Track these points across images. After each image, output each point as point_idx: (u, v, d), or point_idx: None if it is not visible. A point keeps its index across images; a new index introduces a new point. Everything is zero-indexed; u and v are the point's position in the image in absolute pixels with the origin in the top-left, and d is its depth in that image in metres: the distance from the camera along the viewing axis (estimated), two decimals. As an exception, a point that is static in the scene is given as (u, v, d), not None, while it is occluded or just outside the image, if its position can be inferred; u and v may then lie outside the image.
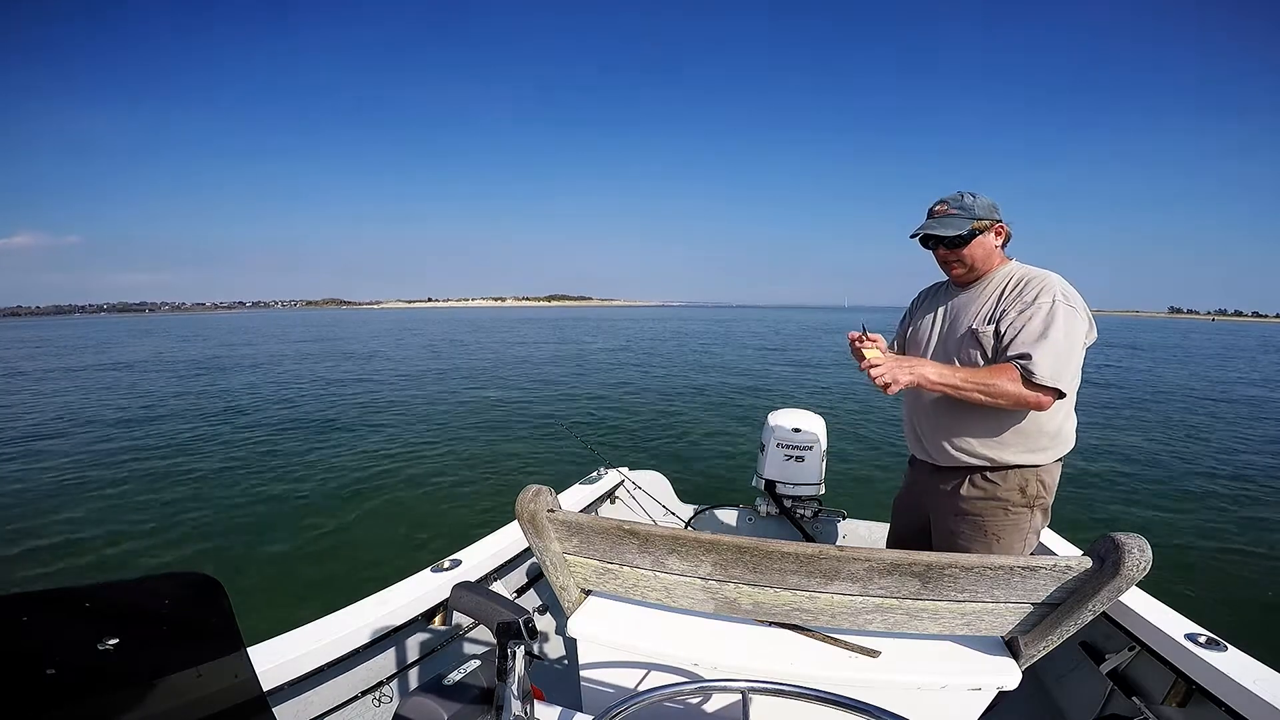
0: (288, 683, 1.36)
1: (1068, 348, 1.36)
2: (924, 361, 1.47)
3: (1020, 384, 1.36)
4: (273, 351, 21.59)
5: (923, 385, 1.42)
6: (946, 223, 1.50)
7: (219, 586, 0.72)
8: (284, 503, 5.17)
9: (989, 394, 1.38)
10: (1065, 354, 1.36)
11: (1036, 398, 1.36)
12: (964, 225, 1.49)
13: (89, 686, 0.61)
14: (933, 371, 1.41)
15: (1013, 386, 1.36)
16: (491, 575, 1.97)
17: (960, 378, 1.40)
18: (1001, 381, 1.37)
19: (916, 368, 1.42)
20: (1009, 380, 1.37)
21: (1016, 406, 1.40)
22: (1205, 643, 1.41)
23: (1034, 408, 1.39)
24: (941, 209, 1.53)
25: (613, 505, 2.80)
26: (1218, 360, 21.31)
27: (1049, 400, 1.37)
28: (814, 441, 2.62)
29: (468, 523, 4.57)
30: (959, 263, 1.54)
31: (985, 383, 1.38)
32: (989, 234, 1.51)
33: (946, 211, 1.52)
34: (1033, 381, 1.35)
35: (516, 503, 1.08)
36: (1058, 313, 1.38)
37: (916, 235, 1.56)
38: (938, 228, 1.50)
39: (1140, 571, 0.88)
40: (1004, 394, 1.37)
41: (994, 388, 1.37)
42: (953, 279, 1.62)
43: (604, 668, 1.19)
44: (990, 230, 1.51)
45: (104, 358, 20.40)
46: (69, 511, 4.99)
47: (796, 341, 27.46)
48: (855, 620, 1.05)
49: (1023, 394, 1.36)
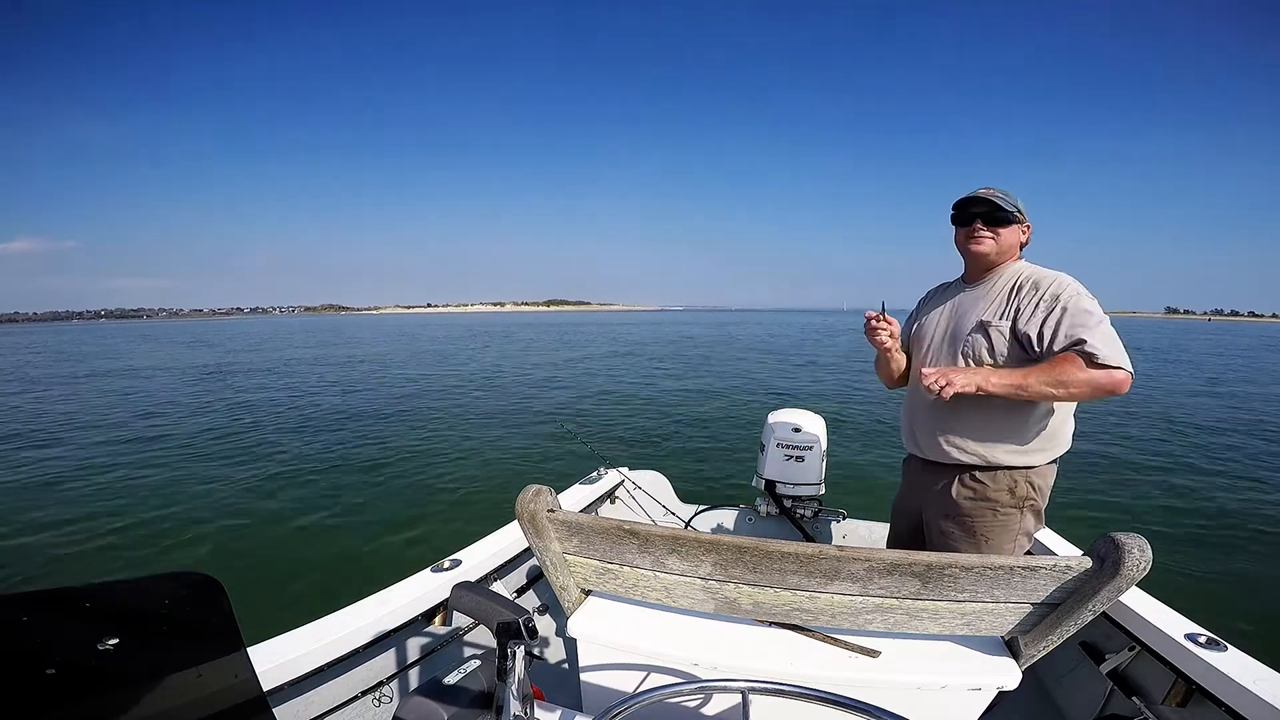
0: (288, 683, 1.36)
1: (1112, 330, 1.36)
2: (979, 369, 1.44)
3: (1089, 369, 1.32)
4: (277, 357, 21.58)
5: (984, 390, 1.37)
6: (999, 198, 1.52)
7: (219, 586, 0.72)
8: (284, 503, 5.17)
9: (1062, 386, 1.33)
10: (1114, 335, 1.35)
11: (1110, 378, 1.31)
12: (1011, 205, 1.52)
13: (89, 686, 0.61)
14: (993, 376, 1.38)
15: (1083, 374, 1.31)
16: (491, 575, 1.97)
17: (1024, 377, 1.36)
18: (1070, 370, 1.32)
19: (972, 375, 1.38)
20: (1077, 368, 1.32)
21: (1096, 394, 1.33)
22: (1205, 643, 1.41)
23: (1113, 391, 1.32)
24: (988, 191, 1.55)
25: (613, 505, 2.80)
26: (1217, 360, 21.31)
27: (1123, 378, 1.31)
28: (814, 441, 2.62)
29: (468, 523, 4.57)
30: (992, 238, 1.54)
31: (1055, 377, 1.33)
32: (1020, 227, 1.55)
33: (994, 193, 1.54)
34: (1097, 362, 1.31)
35: (516, 503, 1.08)
36: (1086, 303, 1.39)
37: (969, 195, 1.56)
38: (995, 196, 1.52)
39: (1140, 571, 0.88)
40: (1077, 382, 1.32)
41: (1065, 378, 1.32)
42: (971, 256, 1.59)
43: (604, 668, 1.19)
44: (1022, 225, 1.55)
45: (117, 364, 20.38)
46: (69, 512, 5.00)
47: (796, 343, 27.48)
48: (855, 620, 1.05)
49: (1095, 377, 1.31)
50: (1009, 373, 1.39)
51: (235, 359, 19.89)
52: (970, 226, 1.57)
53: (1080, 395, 1.35)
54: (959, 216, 1.59)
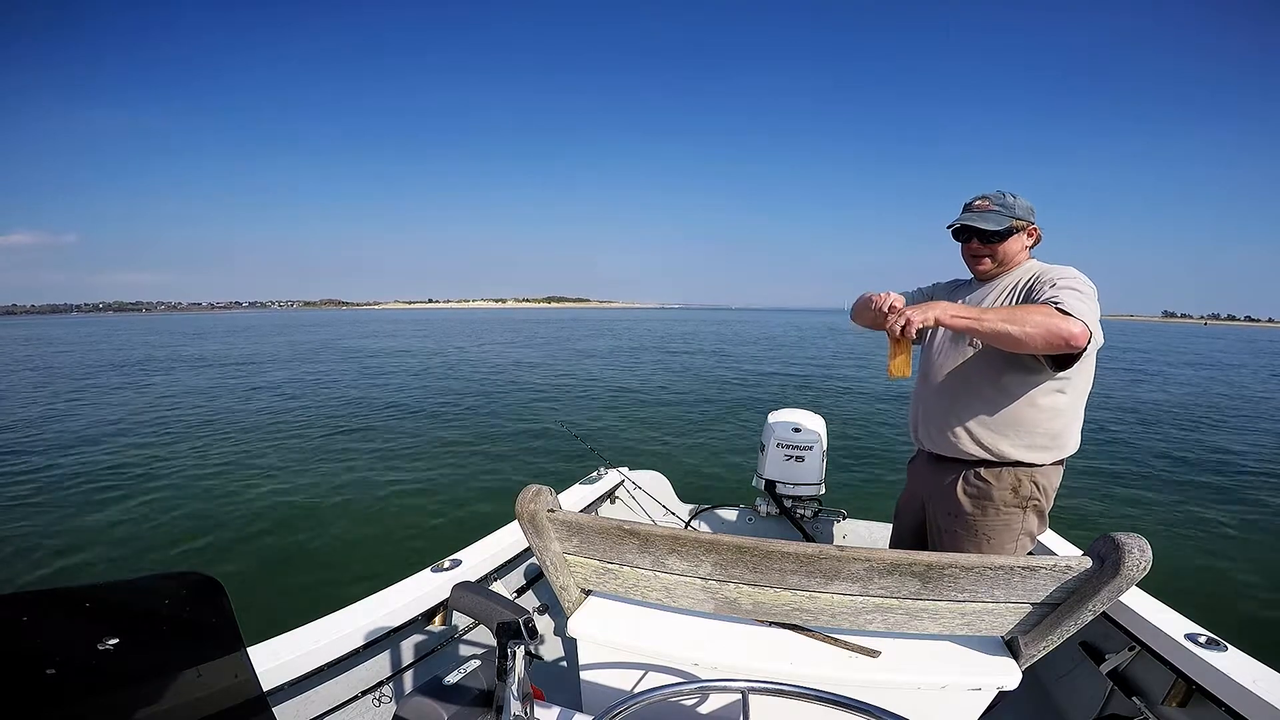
0: (288, 683, 1.36)
1: (1094, 309, 1.33)
2: (936, 303, 1.38)
3: (1053, 315, 1.27)
4: (276, 351, 21.60)
5: (941, 322, 1.32)
6: (986, 217, 1.51)
7: (219, 586, 0.72)
8: (284, 502, 5.17)
9: (1015, 323, 1.27)
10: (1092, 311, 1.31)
11: (1068, 328, 1.25)
12: (1003, 222, 1.50)
13: (89, 686, 0.61)
14: (951, 309, 1.33)
15: (1042, 316, 1.27)
16: (491, 575, 1.97)
17: (982, 311, 1.33)
18: (1031, 310, 1.30)
19: (929, 309, 1.32)
20: (1040, 312, 1.28)
21: (1049, 338, 1.27)
22: (1205, 643, 1.41)
23: (1064, 340, 1.26)
24: (983, 204, 1.54)
25: (613, 505, 2.80)
26: (1219, 361, 21.30)
27: (1080, 330, 1.25)
28: (814, 441, 2.62)
29: (467, 523, 4.57)
30: (989, 257, 1.55)
31: (1013, 314, 1.30)
32: (1023, 234, 1.54)
33: (987, 207, 1.53)
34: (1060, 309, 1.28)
35: (516, 503, 1.08)
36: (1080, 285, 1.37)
37: (953, 226, 1.56)
38: (977, 221, 1.51)
39: (1140, 571, 0.88)
40: (1032, 323, 1.26)
41: (1022, 315, 1.28)
42: (977, 273, 1.62)
43: (604, 668, 1.19)
44: (1025, 231, 1.54)
45: (119, 356, 20.40)
46: (65, 511, 5.00)
47: (797, 342, 27.48)
48: (855, 620, 1.05)
49: (1052, 323, 1.26)
50: (967, 307, 1.35)
51: (240, 352, 19.92)
52: (967, 245, 1.58)
53: (1033, 337, 1.27)
54: (956, 234, 1.60)
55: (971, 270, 1.63)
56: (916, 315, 1.30)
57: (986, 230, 1.50)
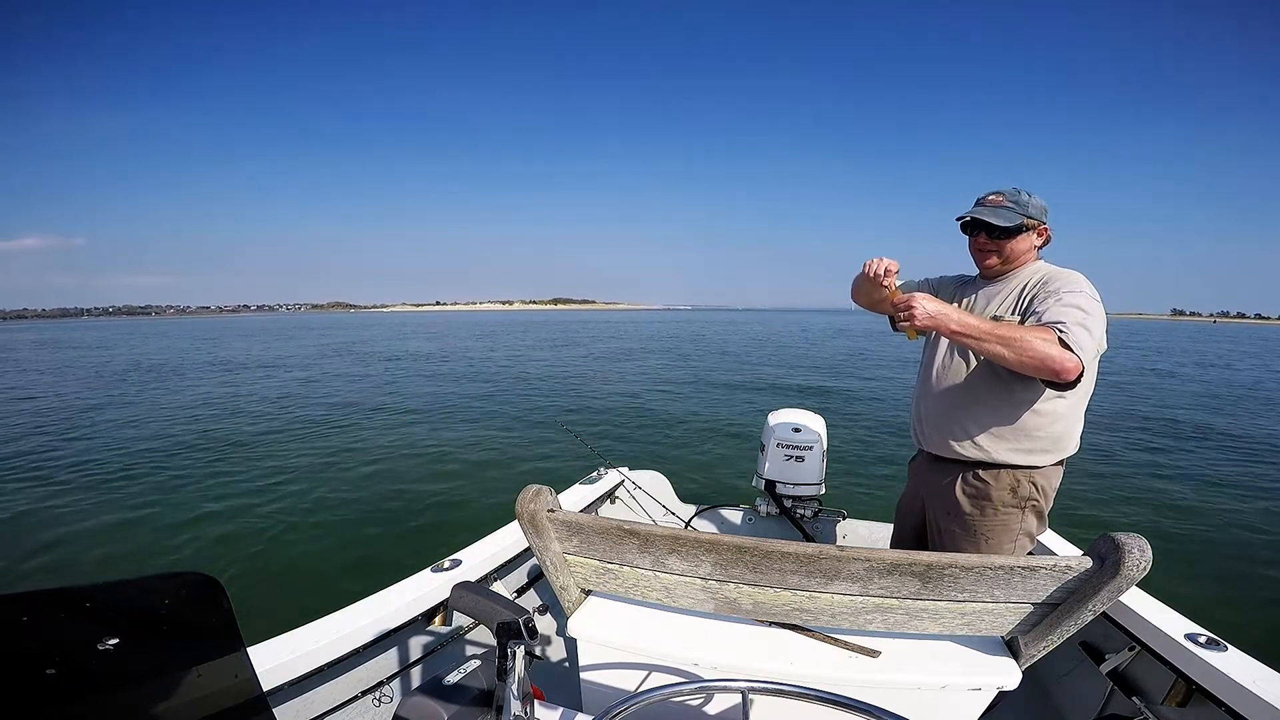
0: (288, 683, 1.36)
1: (1094, 333, 1.34)
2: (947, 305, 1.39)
3: (1054, 344, 1.28)
4: (282, 355, 21.60)
5: (940, 326, 1.34)
6: (998, 213, 1.51)
7: (219, 586, 0.72)
8: (284, 501, 5.17)
9: (1011, 347, 1.29)
10: (1090, 339, 1.32)
11: (1062, 363, 1.27)
12: (1014, 219, 1.50)
13: (89, 686, 0.61)
14: (955, 314, 1.34)
15: (1042, 344, 1.28)
16: (491, 575, 1.97)
17: (981, 326, 1.33)
18: (1030, 336, 1.29)
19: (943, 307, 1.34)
20: (1040, 337, 1.29)
21: (1039, 365, 1.29)
22: (1205, 643, 1.41)
23: (1054, 372, 1.29)
24: (996, 199, 1.53)
25: (613, 505, 2.80)
26: (1219, 360, 21.30)
27: (1073, 368, 1.28)
28: (814, 441, 2.62)
29: (467, 523, 4.57)
30: (996, 253, 1.54)
31: (1010, 335, 1.30)
32: (1032, 234, 1.53)
33: (1000, 202, 1.52)
34: (1064, 342, 1.29)
35: (516, 503, 1.08)
36: (1084, 301, 1.37)
37: (963, 219, 1.55)
38: (988, 215, 1.51)
39: (1140, 571, 0.88)
40: (1029, 349, 1.28)
41: (1019, 341, 1.29)
42: (983, 269, 1.61)
43: (604, 668, 1.19)
44: (1035, 231, 1.53)
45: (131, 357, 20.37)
46: (64, 511, 5.00)
47: (799, 343, 27.47)
48: (855, 620, 1.05)
49: (1050, 352, 1.27)
50: (970, 320, 1.35)
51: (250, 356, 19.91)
52: (975, 239, 1.57)
53: (1025, 366, 1.30)
54: (964, 228, 1.59)
55: (977, 265, 1.62)
56: (921, 312, 1.32)
57: (996, 225, 1.50)
